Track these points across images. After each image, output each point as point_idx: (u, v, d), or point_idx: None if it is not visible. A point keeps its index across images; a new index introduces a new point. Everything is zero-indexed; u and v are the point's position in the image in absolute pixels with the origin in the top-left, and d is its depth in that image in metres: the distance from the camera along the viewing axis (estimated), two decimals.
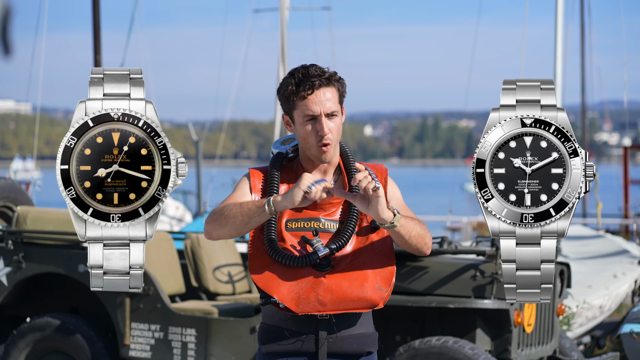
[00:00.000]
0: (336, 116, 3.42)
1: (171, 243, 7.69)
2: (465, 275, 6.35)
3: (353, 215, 3.41)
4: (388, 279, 3.38)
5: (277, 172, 3.47)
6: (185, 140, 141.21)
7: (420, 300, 6.35)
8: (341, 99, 3.46)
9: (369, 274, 3.37)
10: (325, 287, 3.32)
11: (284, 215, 3.42)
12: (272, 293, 3.33)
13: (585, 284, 9.83)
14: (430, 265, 6.46)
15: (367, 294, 3.34)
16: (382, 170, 3.54)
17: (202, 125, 40.96)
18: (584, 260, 11.37)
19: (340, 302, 3.33)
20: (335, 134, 3.42)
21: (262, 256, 3.39)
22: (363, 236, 3.43)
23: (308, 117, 3.40)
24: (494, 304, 6.25)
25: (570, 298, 9.05)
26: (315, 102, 3.39)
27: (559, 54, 13.05)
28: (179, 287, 7.61)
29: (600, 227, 15.77)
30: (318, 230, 3.41)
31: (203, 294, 7.86)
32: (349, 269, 3.36)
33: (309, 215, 3.43)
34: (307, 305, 3.32)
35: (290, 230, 3.42)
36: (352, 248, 3.41)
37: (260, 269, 3.37)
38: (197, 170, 19.05)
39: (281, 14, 16.64)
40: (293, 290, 3.33)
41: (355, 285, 3.34)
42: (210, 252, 7.72)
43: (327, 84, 3.41)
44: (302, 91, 3.39)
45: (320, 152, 3.41)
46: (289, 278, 3.34)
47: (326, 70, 3.43)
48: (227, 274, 7.79)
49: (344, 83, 3.47)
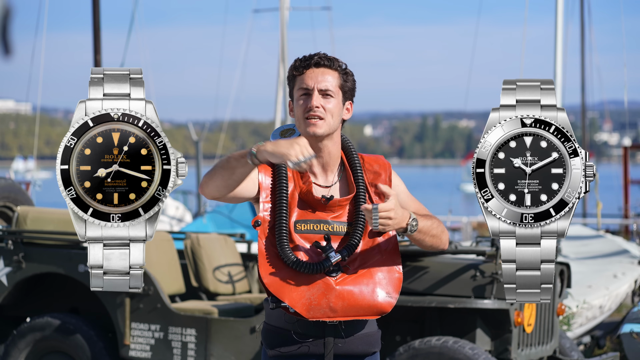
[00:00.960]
0: (332, 97, 3.40)
1: (171, 243, 7.69)
2: (465, 275, 6.35)
3: (361, 217, 3.39)
4: (397, 286, 3.39)
5: (284, 170, 3.42)
6: (185, 140, 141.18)
7: (420, 300, 6.34)
8: (345, 89, 3.44)
9: (380, 279, 3.37)
10: (337, 294, 3.32)
11: (292, 216, 3.39)
12: (283, 298, 3.32)
13: (585, 284, 9.82)
14: (430, 265, 6.46)
15: (377, 301, 3.34)
16: (384, 165, 3.51)
17: (202, 125, 40.96)
18: (584, 260, 11.36)
19: (350, 309, 3.33)
20: (328, 113, 3.39)
21: (274, 259, 3.35)
22: (370, 238, 3.42)
23: (302, 90, 3.40)
24: (494, 304, 6.25)
25: (570, 298, 9.05)
26: (311, 77, 3.40)
27: (559, 54, 13.05)
28: (179, 287, 7.61)
29: (600, 227, 15.76)
30: (329, 234, 3.38)
31: (203, 294, 7.86)
32: (359, 274, 3.36)
33: (317, 217, 3.41)
34: (318, 311, 3.31)
35: (300, 232, 3.39)
36: (360, 249, 3.40)
37: (271, 273, 3.34)
38: (197, 170, 19.05)
39: (281, 14, 16.64)
40: (304, 296, 3.31)
41: (367, 292, 3.34)
42: (210, 252, 7.71)
43: (328, 66, 3.42)
44: (301, 67, 3.42)
45: (307, 124, 3.38)
46: (300, 283, 3.32)
47: (333, 58, 3.44)
48: (227, 274, 7.79)
49: (350, 76, 3.46)
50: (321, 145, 3.43)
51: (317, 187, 3.45)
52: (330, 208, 3.41)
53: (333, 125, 3.41)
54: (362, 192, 3.43)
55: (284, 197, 3.37)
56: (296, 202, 3.41)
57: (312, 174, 3.46)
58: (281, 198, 3.38)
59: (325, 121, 3.38)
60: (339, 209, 3.42)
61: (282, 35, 16.51)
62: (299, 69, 3.42)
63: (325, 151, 3.44)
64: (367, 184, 3.46)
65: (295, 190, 3.43)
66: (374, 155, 3.55)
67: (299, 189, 3.43)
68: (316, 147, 3.42)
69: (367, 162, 3.50)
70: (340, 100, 3.43)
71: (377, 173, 3.48)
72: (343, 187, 3.47)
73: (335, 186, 3.47)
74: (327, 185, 3.46)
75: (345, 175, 3.48)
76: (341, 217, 3.42)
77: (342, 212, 3.43)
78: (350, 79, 3.46)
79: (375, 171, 3.48)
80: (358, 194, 3.42)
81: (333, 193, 3.45)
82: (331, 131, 3.41)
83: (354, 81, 3.48)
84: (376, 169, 3.49)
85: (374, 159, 3.51)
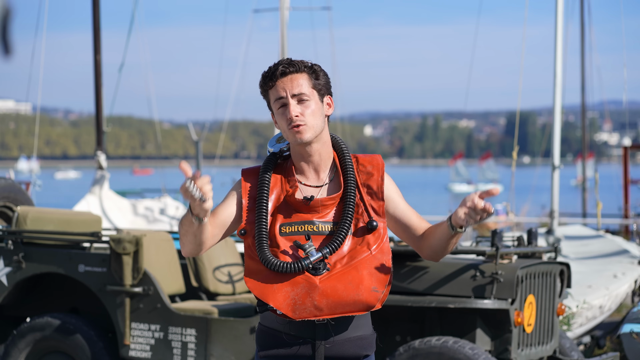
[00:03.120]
0: (308, 100, 3.38)
1: (171, 243, 7.69)
2: (465, 275, 6.35)
3: (347, 216, 3.37)
4: (384, 279, 3.34)
5: (267, 177, 3.43)
6: (185, 140, 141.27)
7: (420, 300, 6.35)
8: (318, 87, 3.41)
9: (364, 276, 3.33)
10: (321, 292, 3.29)
11: (278, 220, 3.39)
12: (268, 300, 3.31)
13: (585, 284, 9.83)
14: (430, 265, 6.46)
15: (362, 296, 3.31)
16: (378, 165, 3.49)
17: (202, 125, 40.94)
18: (584, 260, 11.36)
19: (336, 306, 3.30)
20: (309, 117, 3.37)
21: (255, 263, 3.35)
22: (359, 237, 3.39)
23: (278, 103, 3.38)
24: (494, 304, 6.26)
25: (570, 298, 9.05)
26: (282, 87, 3.38)
27: (559, 54, 13.04)
28: (179, 287, 7.61)
29: (600, 227, 15.75)
30: (311, 234, 3.37)
31: (203, 294, 7.86)
32: (344, 271, 3.33)
33: (302, 218, 3.40)
34: (303, 311, 3.29)
35: (285, 235, 3.38)
36: (348, 249, 3.37)
37: (254, 276, 3.34)
38: (197, 170, 19.04)
39: (281, 14, 16.63)
40: (289, 297, 3.30)
41: (351, 288, 3.31)
42: (210, 252, 7.72)
43: (296, 71, 3.39)
44: (269, 81, 3.40)
45: (292, 134, 3.37)
46: (283, 285, 3.31)
47: (296, 61, 3.41)
48: (227, 274, 7.79)
49: (320, 73, 3.42)
50: (310, 150, 3.42)
51: (307, 187, 3.44)
52: (314, 209, 3.40)
53: (317, 127, 3.39)
54: (352, 192, 3.40)
55: (264, 203, 3.38)
56: (282, 206, 3.42)
57: (302, 175, 3.46)
58: (261, 203, 3.39)
59: (308, 125, 3.37)
60: (324, 209, 3.41)
61: (282, 35, 16.50)
62: (267, 84, 3.40)
63: (316, 154, 3.43)
64: (359, 184, 3.44)
65: (282, 193, 3.43)
66: (369, 155, 3.53)
67: (285, 192, 3.43)
68: (306, 152, 3.42)
69: (361, 163, 3.48)
70: (317, 100, 3.41)
71: (369, 173, 3.46)
72: (333, 186, 3.46)
73: (325, 186, 3.45)
74: (317, 185, 3.45)
75: (337, 176, 3.47)
76: (327, 217, 3.40)
77: (328, 212, 3.41)
78: (321, 76, 3.42)
79: (368, 172, 3.46)
80: (346, 194, 3.40)
81: (322, 193, 3.43)
82: (317, 133, 3.39)
83: (325, 75, 3.45)
84: (369, 169, 3.47)
85: (369, 160, 3.49)
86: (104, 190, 13.73)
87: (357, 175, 3.46)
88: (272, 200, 3.42)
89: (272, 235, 3.38)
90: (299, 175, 3.47)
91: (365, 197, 3.43)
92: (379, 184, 3.45)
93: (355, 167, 3.47)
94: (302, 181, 3.45)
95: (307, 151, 3.42)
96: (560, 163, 12.92)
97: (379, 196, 3.44)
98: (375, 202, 3.43)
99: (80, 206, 13.35)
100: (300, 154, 3.44)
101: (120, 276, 6.99)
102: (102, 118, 14.57)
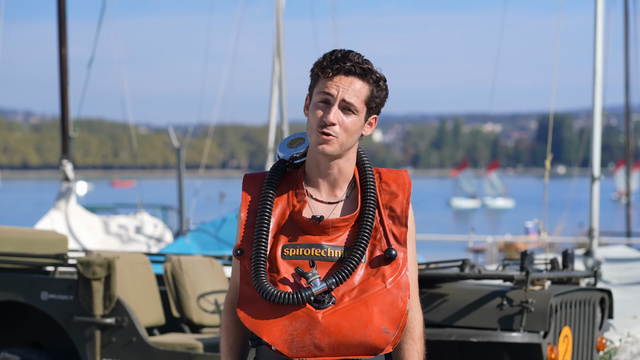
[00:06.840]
0: (353, 114, 3.34)
1: (149, 266, 7.70)
2: (491, 304, 6.36)
3: (361, 242, 3.32)
4: (396, 319, 3.30)
5: (272, 187, 3.40)
6: (165, 147, 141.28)
7: (438, 333, 6.35)
8: (371, 104, 3.38)
9: (375, 313, 3.28)
10: (322, 329, 3.26)
11: (281, 241, 3.35)
12: (262, 334, 3.29)
13: (629, 314, 9.83)
14: (449, 292, 6.46)
15: (369, 337, 3.27)
16: (404, 185, 3.45)
17: (185, 130, 40.98)
18: (628, 287, 11.37)
19: (339, 346, 3.27)
20: (343, 130, 3.33)
21: (250, 289, 3.33)
22: (374, 267, 3.33)
23: (323, 96, 3.34)
24: (523, 337, 6.26)
25: (612, 330, 9.05)
26: (337, 84, 3.35)
27: (599, 47, 13.06)
28: (157, 317, 7.61)
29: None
30: (316, 259, 3.33)
31: (186, 325, 7.87)
32: (352, 307, 3.28)
33: (309, 240, 3.35)
34: (301, 349, 3.27)
35: (287, 259, 3.34)
36: (359, 280, 3.32)
37: (247, 305, 3.32)
38: (179, 182, 19.04)
39: (276, 1, 16.67)
40: (286, 332, 3.27)
41: (357, 327, 3.27)
42: (194, 278, 7.72)
43: (361, 77, 3.36)
44: (329, 70, 3.35)
45: (318, 137, 3.33)
46: (281, 317, 3.28)
47: (369, 65, 3.38)
48: (213, 303, 7.79)
49: (382, 90, 3.40)
50: (330, 163, 3.39)
51: (318, 203, 3.40)
52: (324, 230, 3.36)
53: (346, 144, 3.36)
54: (370, 213, 3.35)
55: (265, 219, 3.35)
56: (287, 224, 3.38)
57: (314, 188, 3.42)
58: (262, 220, 3.36)
59: (339, 139, 3.34)
60: (336, 231, 3.37)
61: (278, 25, 16.51)
62: (326, 71, 3.36)
63: (335, 169, 3.40)
64: (380, 205, 3.39)
65: (288, 209, 3.40)
66: (394, 170, 3.48)
67: (291, 207, 3.40)
68: (325, 163, 3.39)
69: (384, 180, 3.44)
70: (362, 117, 3.37)
71: (393, 194, 3.42)
72: (349, 205, 3.41)
73: (340, 204, 3.41)
74: (330, 202, 3.40)
75: (354, 193, 3.42)
76: (339, 241, 3.36)
77: (341, 234, 3.37)
78: (381, 94, 3.40)
79: (392, 191, 3.42)
80: (363, 215, 3.36)
81: (336, 212, 3.39)
82: (344, 150, 3.36)
83: (386, 95, 3.42)
84: (394, 189, 3.43)
85: (394, 177, 3.45)
86: (71, 205, 13.73)
87: (378, 194, 3.42)
88: (275, 216, 3.39)
89: (273, 258, 3.34)
90: (310, 187, 3.42)
91: (385, 220, 3.39)
92: (403, 207, 3.41)
93: (377, 184, 3.43)
94: (313, 195, 3.41)
95: (327, 163, 3.39)
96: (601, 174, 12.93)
97: (402, 221, 3.39)
98: (397, 227, 3.39)
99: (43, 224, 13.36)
100: (317, 163, 3.40)
101: (90, 305, 6.99)
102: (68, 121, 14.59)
